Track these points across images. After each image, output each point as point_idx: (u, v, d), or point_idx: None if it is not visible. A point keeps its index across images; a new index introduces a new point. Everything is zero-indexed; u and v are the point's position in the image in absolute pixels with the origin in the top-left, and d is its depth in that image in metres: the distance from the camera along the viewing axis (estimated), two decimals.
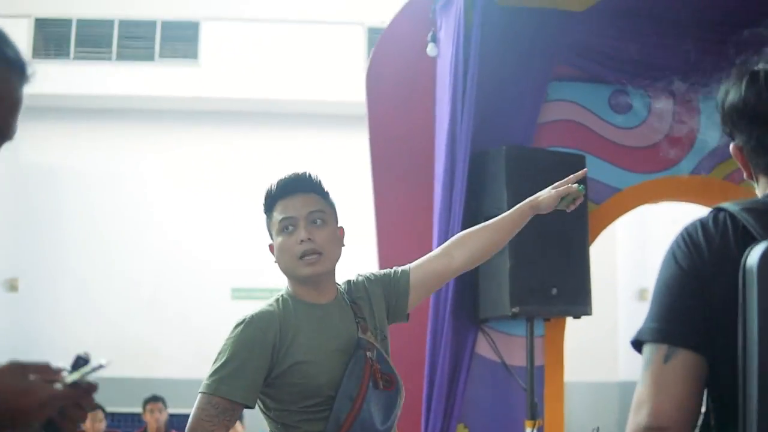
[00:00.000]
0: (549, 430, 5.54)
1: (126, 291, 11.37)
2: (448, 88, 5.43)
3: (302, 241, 3.20)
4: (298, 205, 3.25)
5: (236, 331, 3.16)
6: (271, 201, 3.29)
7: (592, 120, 5.89)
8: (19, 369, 1.66)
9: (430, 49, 5.66)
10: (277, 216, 3.25)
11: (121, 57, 11.38)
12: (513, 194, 5.20)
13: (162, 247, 11.48)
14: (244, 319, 3.17)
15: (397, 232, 5.64)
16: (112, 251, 11.47)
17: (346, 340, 3.20)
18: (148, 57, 11.39)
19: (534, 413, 5.23)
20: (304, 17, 11.38)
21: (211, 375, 3.11)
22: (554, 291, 5.28)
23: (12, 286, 11.11)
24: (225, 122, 11.38)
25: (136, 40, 11.37)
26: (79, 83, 11.29)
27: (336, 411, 3.09)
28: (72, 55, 11.41)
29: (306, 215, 3.24)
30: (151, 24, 11.42)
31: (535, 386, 5.33)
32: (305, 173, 3.32)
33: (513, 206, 5.19)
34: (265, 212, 3.30)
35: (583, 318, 5.50)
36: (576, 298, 5.41)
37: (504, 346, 5.57)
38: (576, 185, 3.39)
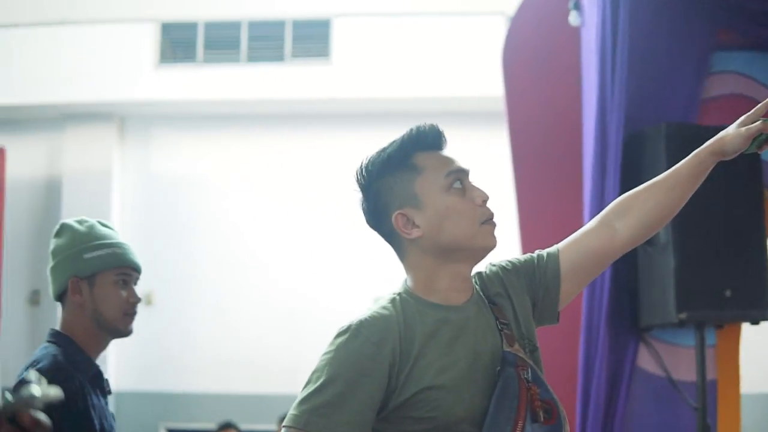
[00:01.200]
0: None
1: (261, 304, 10.98)
2: (595, 62, 4.83)
3: (484, 201, 2.44)
4: (455, 160, 2.48)
5: (338, 342, 2.36)
6: (411, 150, 2.46)
7: (763, 94, 5.11)
8: None
9: (573, 18, 5.05)
10: (440, 167, 2.44)
11: (250, 59, 11.02)
12: None
13: (299, 257, 11.04)
14: (349, 326, 2.37)
15: (542, 233, 5.01)
16: (246, 263, 11.10)
17: (489, 357, 2.41)
18: (278, 57, 11.01)
19: None
20: (441, 9, 10.83)
21: (301, 403, 2.31)
22: (728, 293, 4.57)
23: (148, 300, 10.81)
24: (361, 124, 10.89)
25: (265, 41, 11.01)
26: (208, 88, 10.97)
27: None
28: (200, 58, 11.10)
29: (468, 173, 2.49)
30: (280, 24, 11.05)
31: (707, 404, 4.61)
32: (442, 129, 2.58)
33: None
34: (397, 167, 2.45)
35: (762, 324, 4.75)
36: (753, 300, 4.68)
37: (670, 358, 4.86)
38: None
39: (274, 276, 11.02)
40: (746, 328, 4.89)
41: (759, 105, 2.51)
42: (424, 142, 2.45)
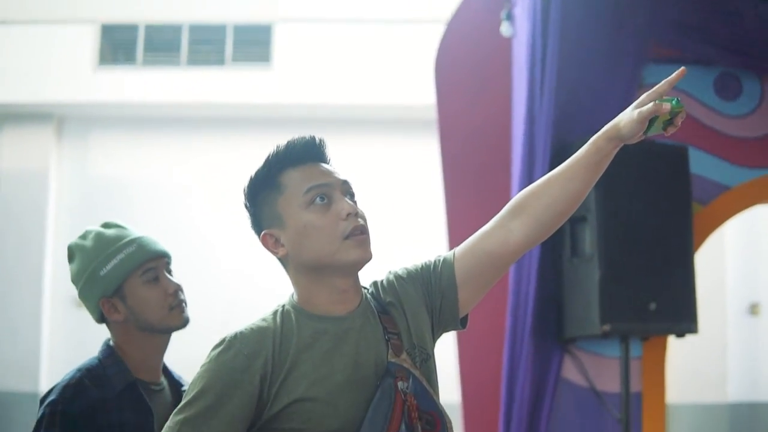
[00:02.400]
0: None
1: (198, 312, 10.86)
2: (524, 73, 4.77)
3: (349, 215, 2.36)
4: (325, 173, 2.41)
5: (212, 354, 2.32)
6: (275, 168, 2.40)
7: (695, 107, 5.12)
8: None
9: (505, 29, 5.02)
10: (300, 184, 2.37)
11: (191, 62, 10.92)
12: (603, 194, 4.51)
13: (236, 263, 10.94)
14: (224, 339, 2.33)
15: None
16: (183, 265, 10.97)
17: (372, 367, 2.35)
18: (219, 61, 10.91)
19: None
20: (381, 16, 10.78)
21: (175, 415, 2.29)
22: (653, 306, 4.54)
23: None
24: (301, 129, 10.68)
25: (206, 44, 10.91)
26: (148, 90, 10.85)
27: None
28: (140, 61, 10.98)
29: (341, 185, 2.41)
30: (221, 28, 10.95)
31: (631, 416, 4.59)
32: (320, 139, 2.50)
33: (602, 210, 4.57)
34: (264, 187, 2.42)
35: (688, 336, 4.73)
36: (679, 313, 4.65)
37: (595, 369, 4.83)
38: (668, 100, 2.32)
39: (209, 279, 10.93)
40: (677, 339, 4.87)
41: (659, 84, 2.37)
42: (293, 157, 2.39)
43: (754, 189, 5.18)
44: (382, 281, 2.51)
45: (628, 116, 2.35)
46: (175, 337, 2.99)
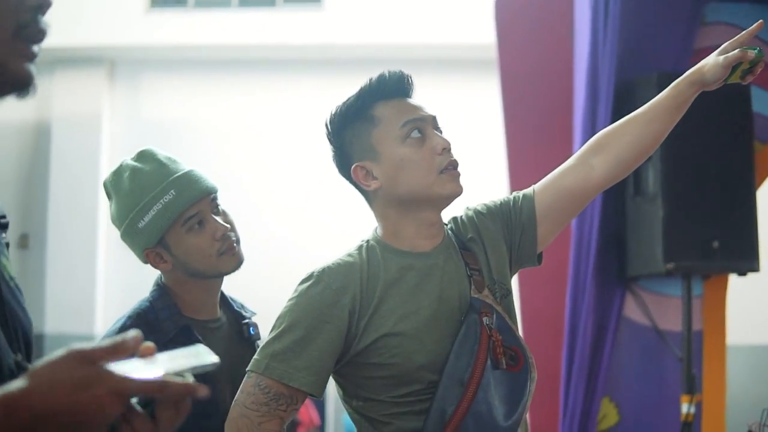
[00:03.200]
0: (709, 406, 4.78)
1: (257, 251, 10.92)
2: (587, 12, 4.76)
3: (444, 149, 2.39)
4: (418, 108, 2.44)
5: (300, 289, 2.36)
6: (369, 101, 2.42)
7: (757, 45, 5.06)
8: (77, 357, 1.21)
9: None
10: (396, 117, 2.40)
11: (242, 4, 10.90)
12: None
13: (294, 204, 10.98)
14: (311, 274, 2.37)
15: (532, 183, 4.97)
16: (240, 209, 11.02)
17: (456, 303, 2.38)
18: (270, 3, 10.89)
19: (691, 386, 4.50)
20: None
21: (263, 348, 2.34)
22: (716, 244, 4.54)
23: None
24: (353, 70, 10.69)
25: None
26: (199, 33, 10.86)
27: (440, 401, 2.28)
28: (191, 3, 10.98)
29: (432, 121, 2.45)
30: None
31: (692, 355, 4.59)
32: (409, 75, 2.52)
33: (666, 149, 4.55)
34: (355, 119, 2.43)
35: (751, 275, 4.73)
36: (741, 252, 4.64)
37: (657, 308, 4.83)
38: (752, 48, 2.41)
39: (268, 222, 10.97)
40: (735, 279, 4.88)
41: (741, 34, 2.44)
42: (385, 91, 2.42)
43: None
44: (461, 217, 2.54)
45: (713, 61, 2.42)
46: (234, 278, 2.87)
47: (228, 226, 2.72)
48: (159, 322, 2.63)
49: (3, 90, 1.36)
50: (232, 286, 2.91)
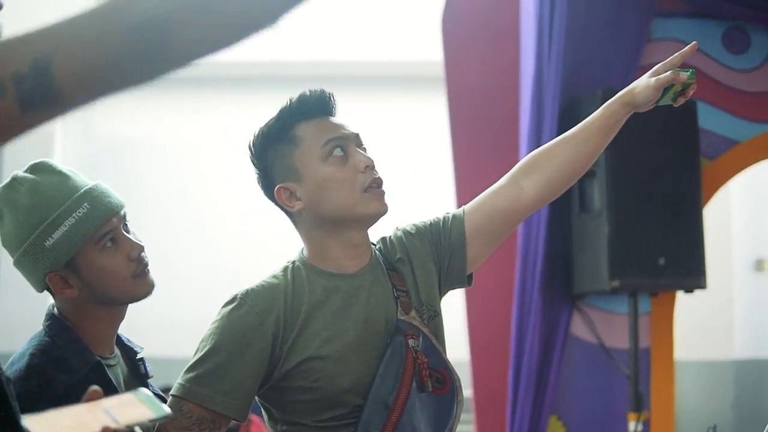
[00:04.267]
0: (657, 424, 4.77)
1: (208, 269, 10.86)
2: (532, 28, 4.74)
3: (367, 167, 2.34)
4: (339, 126, 2.39)
5: (224, 311, 2.32)
6: (289, 122, 2.36)
7: (703, 62, 5.07)
8: None
9: None
10: (317, 136, 2.34)
11: None
12: (612, 149, 4.40)
13: (243, 221, 10.93)
14: (235, 296, 2.32)
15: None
16: (191, 225, 10.97)
17: (382, 325, 2.34)
18: None
19: (639, 404, 4.49)
20: None
21: (186, 372, 2.28)
22: (662, 261, 4.53)
23: None
24: (306, 86, 10.75)
25: None
26: None
27: (364, 425, 2.24)
28: None
29: (355, 138, 2.39)
30: None
31: (640, 372, 4.59)
32: (330, 92, 2.47)
33: (611, 165, 4.56)
34: (277, 140, 2.37)
35: (696, 292, 4.73)
36: (688, 268, 4.64)
37: (603, 325, 4.82)
38: (684, 71, 2.40)
39: (218, 239, 10.91)
40: (682, 295, 4.87)
41: (674, 55, 2.43)
42: (306, 110, 2.37)
43: (761, 144, 5.15)
44: (390, 237, 2.50)
45: (644, 83, 2.41)
46: (184, 297, 2.70)
47: (143, 245, 2.42)
48: (66, 360, 2.29)
49: None
50: (194, 304, 2.71)
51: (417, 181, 10.14)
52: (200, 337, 2.33)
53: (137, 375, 2.44)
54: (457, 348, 5.23)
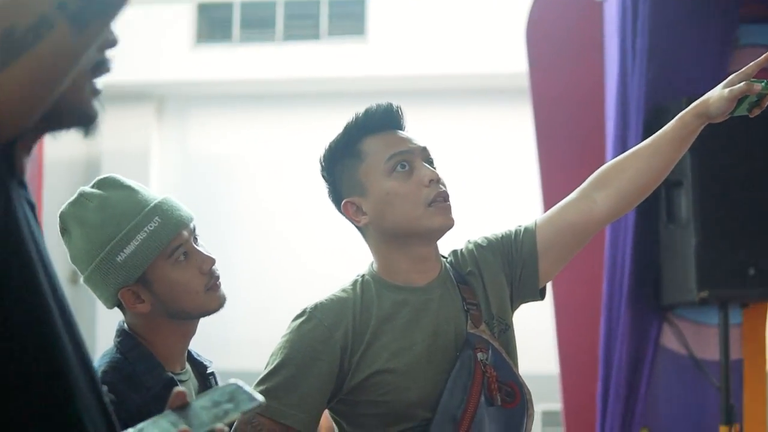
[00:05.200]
0: None
1: (298, 286, 10.93)
2: (616, 36, 4.70)
3: (431, 181, 2.34)
4: (405, 140, 2.40)
5: (293, 326, 2.34)
6: (355, 137, 2.38)
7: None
8: None
9: None
10: (381, 151, 2.35)
11: (286, 38, 10.94)
12: (699, 158, 4.40)
13: (335, 240, 10.98)
14: (304, 310, 2.34)
15: None
16: (283, 242, 11.07)
17: (452, 338, 2.34)
18: (314, 36, 10.92)
19: (730, 417, 4.40)
20: None
21: (257, 385, 2.30)
22: (752, 271, 4.43)
23: None
24: (397, 102, 10.79)
25: (301, 19, 10.91)
26: (245, 67, 10.92)
27: None
28: (236, 38, 11.05)
29: (421, 152, 2.40)
30: (316, 2, 10.95)
31: (731, 384, 4.50)
32: (397, 106, 2.48)
33: (699, 174, 4.49)
34: (344, 155, 2.40)
35: None
36: None
37: (694, 337, 4.75)
38: (758, 81, 2.36)
39: (307, 257, 10.98)
40: None
41: (748, 66, 2.40)
42: (372, 125, 2.39)
43: None
44: (461, 250, 2.50)
45: (717, 94, 2.39)
46: (265, 314, 2.60)
47: (214, 258, 2.40)
48: (138, 377, 2.29)
49: (71, 126, 1.35)
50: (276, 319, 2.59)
51: (503, 193, 10.11)
52: (270, 351, 2.35)
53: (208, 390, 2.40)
54: (549, 360, 5.22)
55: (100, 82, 1.38)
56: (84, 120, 1.35)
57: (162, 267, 2.30)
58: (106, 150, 11.16)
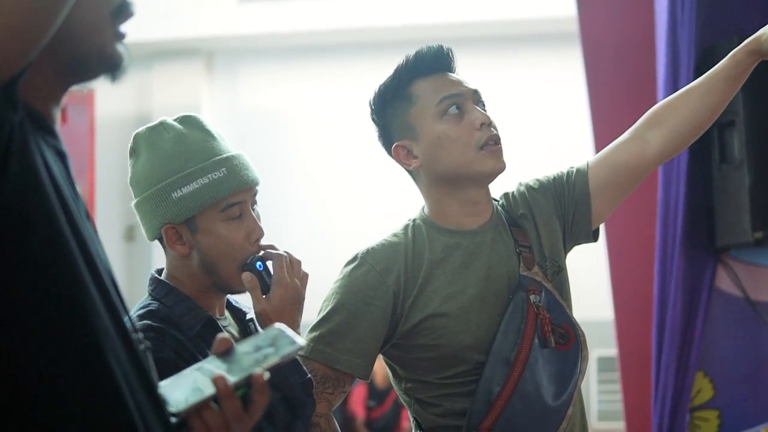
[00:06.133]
0: None
1: (356, 235, 10.95)
2: None
3: (483, 124, 2.34)
4: (456, 82, 2.40)
5: (345, 271, 2.37)
6: (406, 79, 2.38)
7: None
8: None
9: None
10: (432, 94, 2.36)
11: None
12: (751, 97, 4.34)
13: (394, 190, 10.97)
14: (356, 256, 2.37)
15: None
16: (338, 194, 11.09)
17: (504, 281, 2.33)
18: None
19: None
20: None
21: (310, 331, 2.32)
22: None
23: None
24: (457, 49, 10.72)
25: None
26: (293, 20, 10.89)
27: (486, 382, 2.23)
28: None
29: (473, 94, 2.40)
30: None
31: None
32: (448, 48, 2.46)
33: (751, 114, 4.43)
34: (394, 98, 2.39)
35: None
36: None
37: (749, 278, 4.68)
38: None
39: (365, 207, 10.99)
40: None
41: None
42: (423, 67, 2.39)
43: None
44: (513, 193, 2.50)
45: None
46: (313, 267, 2.54)
47: (264, 231, 2.35)
48: (176, 318, 2.27)
49: (97, 72, 1.34)
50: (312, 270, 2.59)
51: (554, 138, 10.03)
52: (319, 302, 2.36)
53: (248, 336, 2.38)
54: (603, 306, 5.20)
55: (126, 27, 1.37)
56: (108, 65, 1.34)
57: (213, 218, 2.28)
58: (157, 107, 11.22)
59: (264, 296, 2.20)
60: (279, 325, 1.43)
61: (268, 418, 2.10)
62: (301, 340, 1.39)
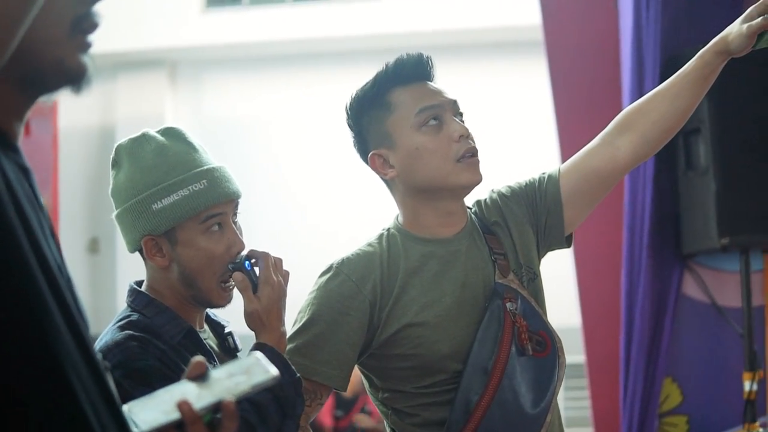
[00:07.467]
0: None
1: (321, 247, 10.93)
2: None
3: (461, 137, 2.32)
4: (436, 93, 2.37)
5: (320, 282, 2.34)
6: (384, 87, 2.34)
7: None
8: None
9: None
10: (411, 104, 2.32)
11: None
12: (716, 104, 4.37)
13: (351, 200, 10.97)
14: (330, 266, 2.34)
15: None
16: (299, 205, 11.06)
17: (480, 289, 2.32)
18: None
19: (754, 363, 4.39)
20: None
21: (287, 342, 2.25)
22: None
23: None
24: None
25: None
26: (256, 30, 10.87)
27: (464, 391, 2.23)
28: (246, 0, 11.00)
29: (452, 106, 2.37)
30: None
31: (754, 331, 4.48)
32: (428, 57, 2.44)
33: (716, 121, 4.45)
34: (372, 105, 2.36)
35: None
36: None
37: (715, 284, 4.73)
38: None
39: (324, 220, 10.96)
40: None
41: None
42: (402, 75, 2.36)
43: None
44: (485, 200, 2.48)
45: (736, 30, 2.35)
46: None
47: (245, 246, 2.32)
48: (156, 329, 2.24)
49: (59, 84, 1.30)
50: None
51: (520, 145, 10.06)
52: (289, 314, 2.34)
53: (226, 349, 2.41)
54: (570, 313, 5.21)
55: (92, 37, 1.33)
56: (69, 77, 1.30)
57: (193, 230, 2.26)
58: (121, 118, 11.17)
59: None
60: (257, 354, 1.43)
61: (262, 419, 2.12)
62: (275, 370, 1.38)
